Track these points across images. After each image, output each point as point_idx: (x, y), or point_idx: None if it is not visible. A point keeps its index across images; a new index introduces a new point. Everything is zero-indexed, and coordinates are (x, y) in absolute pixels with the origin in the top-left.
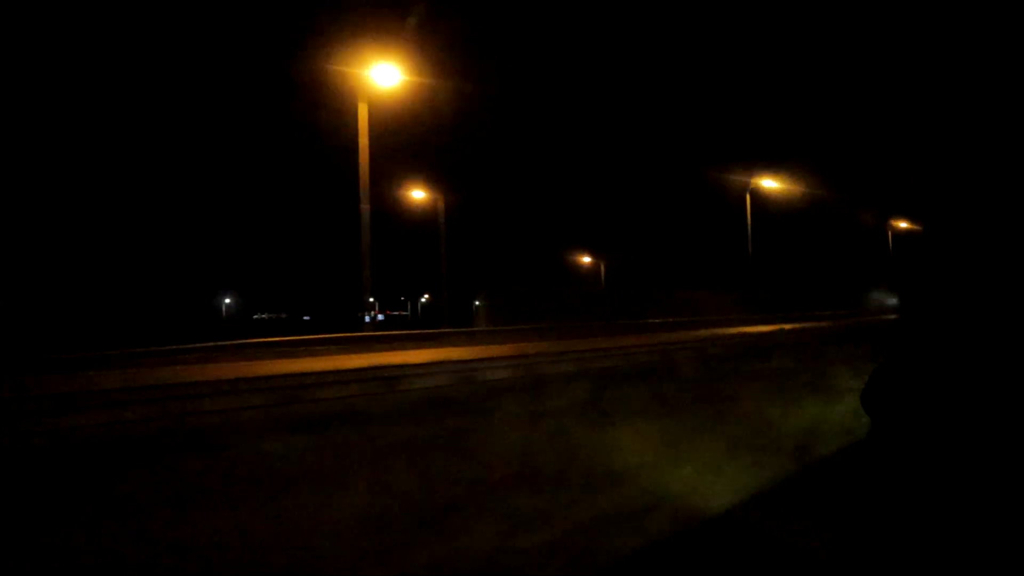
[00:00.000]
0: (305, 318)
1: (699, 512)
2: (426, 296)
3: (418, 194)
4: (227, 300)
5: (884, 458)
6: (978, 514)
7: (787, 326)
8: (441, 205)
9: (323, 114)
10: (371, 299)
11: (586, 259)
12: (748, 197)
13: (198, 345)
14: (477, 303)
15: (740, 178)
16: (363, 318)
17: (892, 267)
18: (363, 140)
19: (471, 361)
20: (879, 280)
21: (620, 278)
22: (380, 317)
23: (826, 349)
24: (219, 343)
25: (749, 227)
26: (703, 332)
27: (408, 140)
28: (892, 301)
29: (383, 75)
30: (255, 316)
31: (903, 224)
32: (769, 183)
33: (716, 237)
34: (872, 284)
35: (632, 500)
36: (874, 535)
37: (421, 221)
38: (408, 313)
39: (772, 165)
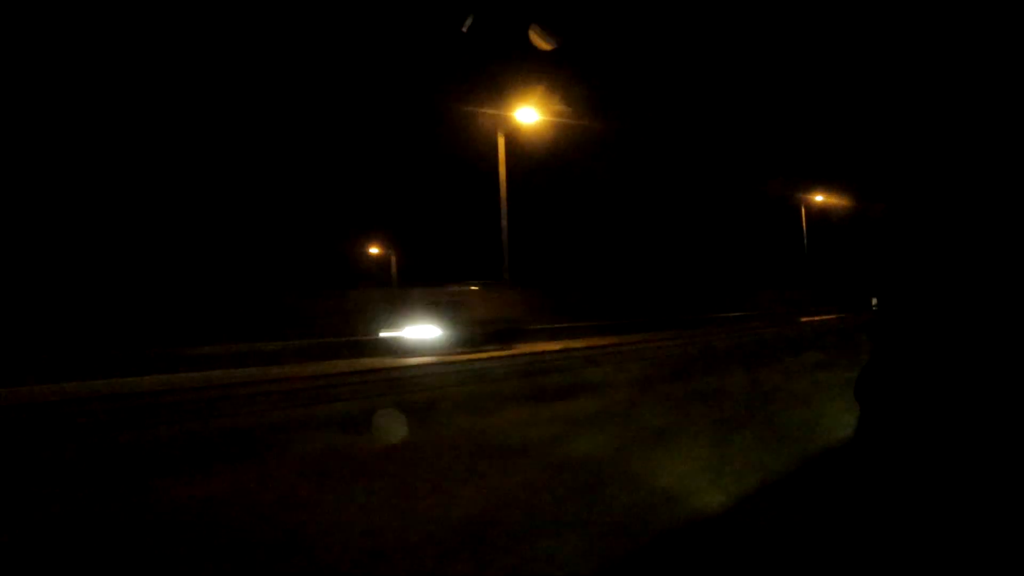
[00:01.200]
0: None
1: None
2: None
3: None
4: None
5: (875, 448)
6: (969, 502)
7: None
8: None
9: None
10: None
11: (374, 250)
12: (501, 140)
13: None
14: None
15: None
16: None
17: (805, 255)
18: None
19: None
20: (772, 273)
21: (414, 274)
22: None
23: None
24: None
25: (502, 174)
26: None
27: None
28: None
29: None
30: None
31: (820, 198)
32: (527, 114)
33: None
34: (760, 279)
35: None
36: (866, 527)
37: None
38: None
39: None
